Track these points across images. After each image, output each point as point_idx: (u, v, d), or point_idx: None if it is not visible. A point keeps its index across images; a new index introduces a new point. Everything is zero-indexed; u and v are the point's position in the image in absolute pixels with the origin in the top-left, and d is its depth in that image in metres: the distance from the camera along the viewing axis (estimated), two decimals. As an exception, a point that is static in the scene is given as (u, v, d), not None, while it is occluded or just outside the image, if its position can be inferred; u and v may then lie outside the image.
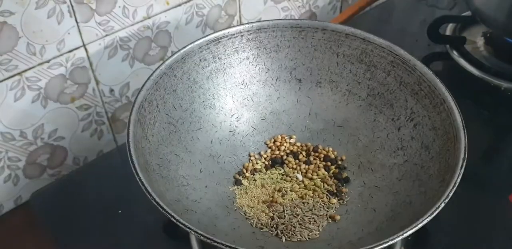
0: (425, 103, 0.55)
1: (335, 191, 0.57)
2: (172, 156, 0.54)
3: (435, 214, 0.43)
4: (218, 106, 0.60)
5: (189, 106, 0.58)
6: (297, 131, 0.62)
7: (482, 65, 0.74)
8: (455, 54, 0.76)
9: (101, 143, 0.75)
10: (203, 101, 0.59)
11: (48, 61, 0.62)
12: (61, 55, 0.63)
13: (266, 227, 0.53)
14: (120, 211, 0.61)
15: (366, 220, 0.52)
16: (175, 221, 0.43)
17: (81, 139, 0.72)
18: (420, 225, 0.43)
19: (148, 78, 0.54)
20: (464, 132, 0.49)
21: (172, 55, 0.56)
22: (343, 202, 0.56)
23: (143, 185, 0.44)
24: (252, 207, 0.55)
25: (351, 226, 0.52)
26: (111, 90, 0.71)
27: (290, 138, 0.62)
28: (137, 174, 0.45)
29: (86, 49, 0.65)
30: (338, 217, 0.54)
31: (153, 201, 0.44)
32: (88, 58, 0.66)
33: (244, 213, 0.55)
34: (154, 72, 0.55)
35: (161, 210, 0.43)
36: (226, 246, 0.42)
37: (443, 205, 0.44)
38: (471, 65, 0.75)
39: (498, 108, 0.74)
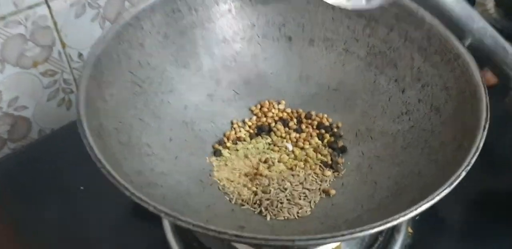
0: (435, 60, 0.47)
1: (330, 162, 0.49)
2: (135, 121, 0.46)
3: (455, 184, 0.36)
4: (194, 66, 0.53)
5: (158, 64, 0.50)
6: (286, 96, 0.55)
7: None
8: (464, 17, 0.68)
9: (70, 114, 0.69)
10: (176, 60, 0.51)
11: (3, 18, 0.56)
12: (19, 11, 0.57)
13: (247, 203, 0.46)
14: (82, 188, 0.56)
15: (366, 195, 0.45)
16: (128, 193, 0.35)
17: (46, 109, 0.67)
18: (437, 198, 0.35)
19: (110, 28, 0.46)
20: (485, 89, 0.41)
21: (139, 3, 0.48)
22: (338, 174, 0.49)
23: (91, 149, 0.36)
24: (232, 181, 0.48)
25: (348, 202, 0.45)
26: (80, 55, 0.66)
27: (279, 103, 0.55)
28: (84, 136, 0.37)
29: (49, 6, 0.59)
30: (333, 192, 0.47)
31: (102, 169, 0.36)
32: (52, 16, 0.59)
33: (222, 188, 0.47)
34: (116, 21, 0.46)
35: (110, 178, 0.35)
36: (194, 225, 0.34)
37: (464, 173, 0.36)
38: (481, 28, 0.67)
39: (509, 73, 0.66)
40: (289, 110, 0.54)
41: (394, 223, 0.34)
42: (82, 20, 0.62)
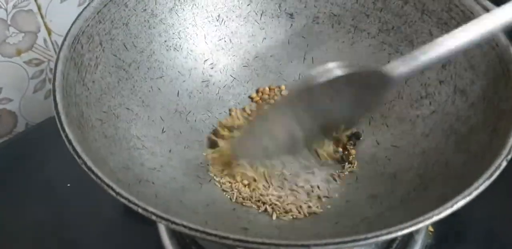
0: (458, 35, 0.42)
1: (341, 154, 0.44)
2: (122, 110, 0.41)
3: (495, 175, 0.30)
4: (186, 49, 0.47)
5: (146, 47, 0.45)
6: (289, 80, 0.50)
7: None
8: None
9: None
10: (165, 41, 0.46)
11: (-21, 0, 0.53)
12: None
13: (250, 201, 0.40)
14: (69, 185, 0.52)
15: (384, 190, 0.40)
16: (113, 193, 0.29)
17: (33, 102, 0.63)
18: (475, 193, 0.30)
19: (88, 5, 0.40)
20: (521, 64, 0.36)
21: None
22: (351, 167, 0.43)
23: (69, 142, 0.31)
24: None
25: (364, 198, 0.40)
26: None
27: (281, 90, 0.50)
28: (62, 128, 0.32)
29: (31, -12, 0.55)
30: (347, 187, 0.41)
31: (83, 166, 0.30)
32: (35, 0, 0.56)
33: (222, 184, 0.42)
34: (96, -2, 0.41)
35: (92, 176, 0.30)
36: (190, 229, 0.29)
37: (505, 163, 0.31)
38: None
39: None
40: (293, 96, 0.49)
41: (427, 223, 0.29)
42: (68, 4, 0.58)
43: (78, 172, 0.47)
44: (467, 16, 0.41)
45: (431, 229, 0.45)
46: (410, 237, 0.44)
